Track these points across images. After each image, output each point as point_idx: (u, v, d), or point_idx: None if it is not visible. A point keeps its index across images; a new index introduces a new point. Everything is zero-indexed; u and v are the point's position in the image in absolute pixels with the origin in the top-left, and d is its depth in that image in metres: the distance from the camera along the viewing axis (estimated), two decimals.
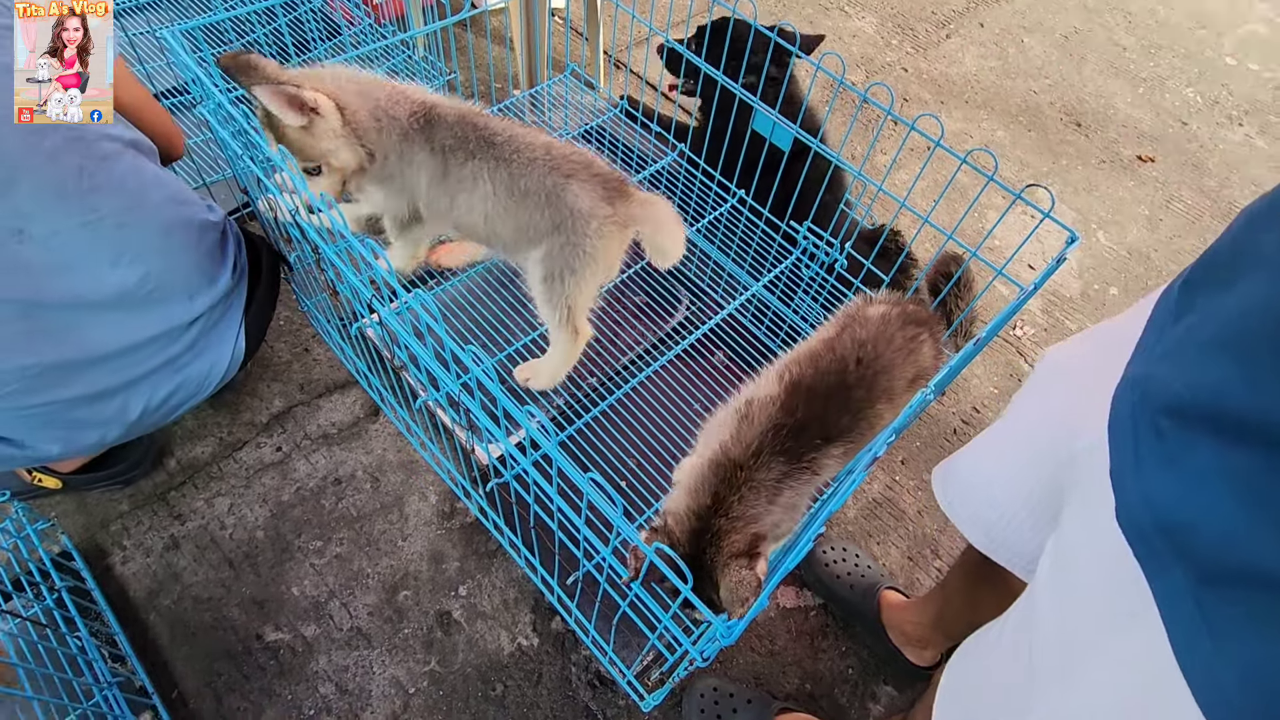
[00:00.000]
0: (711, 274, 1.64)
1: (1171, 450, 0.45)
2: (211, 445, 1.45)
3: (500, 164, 1.11)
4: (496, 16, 2.39)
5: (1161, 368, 0.49)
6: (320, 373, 1.57)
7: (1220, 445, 0.41)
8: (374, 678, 1.23)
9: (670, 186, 1.69)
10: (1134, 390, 0.50)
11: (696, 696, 1.20)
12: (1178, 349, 0.48)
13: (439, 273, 1.54)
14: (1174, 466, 0.44)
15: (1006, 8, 3.03)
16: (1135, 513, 0.46)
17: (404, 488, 1.43)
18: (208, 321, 1.19)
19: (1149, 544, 0.45)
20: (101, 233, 1.01)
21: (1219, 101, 2.76)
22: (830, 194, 1.45)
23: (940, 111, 2.49)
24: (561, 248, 1.12)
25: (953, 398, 1.77)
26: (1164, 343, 0.51)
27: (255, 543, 1.34)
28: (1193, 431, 0.43)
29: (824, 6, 2.81)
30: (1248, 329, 0.42)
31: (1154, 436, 0.46)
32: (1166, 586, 0.43)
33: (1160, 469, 0.45)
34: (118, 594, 1.26)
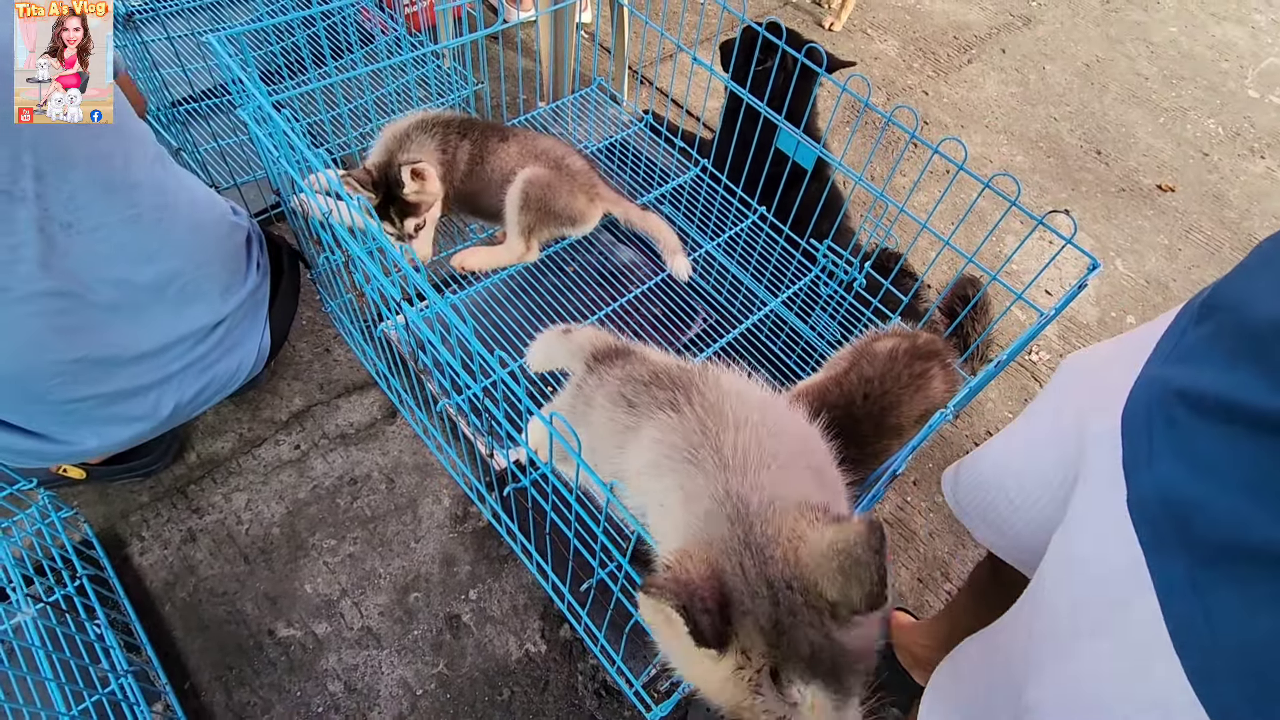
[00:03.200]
0: (730, 288, 1.65)
1: (1183, 437, 0.47)
2: (231, 441, 1.47)
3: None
4: (525, 30, 2.43)
5: (1180, 368, 0.51)
6: (340, 373, 1.59)
7: (1232, 433, 0.44)
8: (382, 678, 1.23)
9: (692, 201, 1.70)
10: (1151, 387, 0.52)
11: (703, 710, 1.20)
12: (1199, 352, 0.50)
13: (462, 277, 1.56)
14: (1185, 452, 0.46)
15: (1028, 35, 3.05)
16: (1145, 497, 0.48)
17: (418, 490, 1.44)
18: (235, 319, 1.22)
19: (1155, 527, 0.46)
20: (140, 229, 1.04)
21: (1240, 133, 2.76)
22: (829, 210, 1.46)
23: (960, 135, 2.51)
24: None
25: (966, 421, 1.77)
26: (1182, 347, 0.53)
27: (270, 539, 1.36)
28: (1205, 420, 0.46)
29: (847, 29, 2.84)
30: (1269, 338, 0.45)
31: (1167, 426, 0.48)
32: (1166, 569, 0.45)
33: (1172, 456, 0.47)
34: (135, 584, 1.28)
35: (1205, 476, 0.44)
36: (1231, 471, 0.43)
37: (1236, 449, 0.43)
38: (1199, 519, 0.44)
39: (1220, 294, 0.54)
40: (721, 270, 1.65)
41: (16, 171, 0.90)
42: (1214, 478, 0.44)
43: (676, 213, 1.74)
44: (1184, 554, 0.44)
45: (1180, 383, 0.49)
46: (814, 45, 1.31)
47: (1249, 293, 0.50)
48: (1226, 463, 0.44)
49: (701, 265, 1.71)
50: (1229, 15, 3.42)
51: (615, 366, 0.83)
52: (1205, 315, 0.53)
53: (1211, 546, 0.43)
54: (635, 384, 0.76)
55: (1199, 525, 0.44)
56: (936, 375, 1.03)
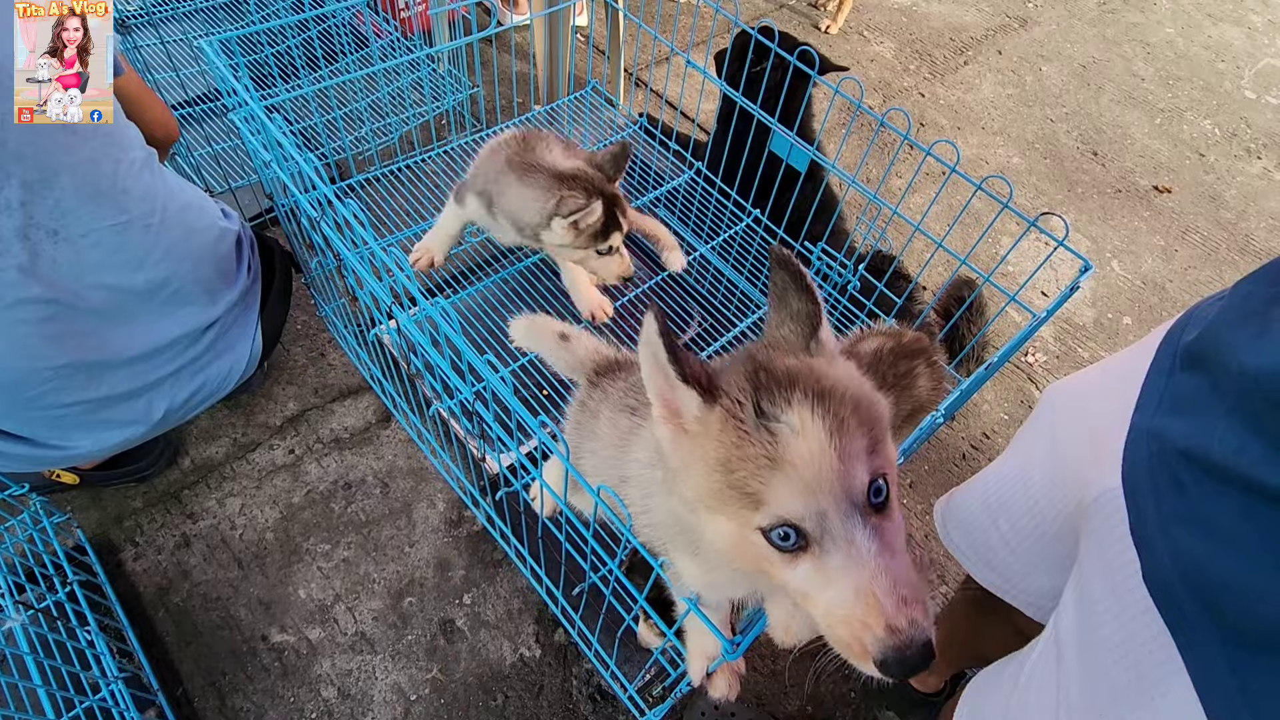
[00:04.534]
0: (725, 291, 1.65)
1: (1195, 505, 0.44)
2: (225, 446, 1.47)
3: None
4: (521, 34, 2.43)
5: (1176, 421, 0.48)
6: (335, 377, 1.59)
7: (1248, 501, 0.41)
8: (376, 683, 1.23)
9: (686, 203, 1.70)
10: (1149, 444, 0.49)
11: (698, 714, 1.19)
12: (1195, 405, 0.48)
13: (455, 281, 1.56)
14: (1201, 524, 0.43)
15: (1025, 36, 3.05)
16: (1164, 573, 0.45)
17: (413, 494, 1.44)
18: (226, 322, 1.22)
19: (1178, 605, 0.44)
20: (130, 235, 1.04)
21: (1237, 134, 2.76)
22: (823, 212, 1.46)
23: (956, 137, 2.51)
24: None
25: (963, 423, 1.76)
26: (1174, 395, 0.50)
27: (264, 544, 1.35)
28: (1217, 485, 0.43)
29: (844, 32, 2.84)
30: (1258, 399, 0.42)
31: (1175, 491, 0.45)
32: (1198, 649, 0.42)
33: (1186, 527, 0.44)
34: (128, 590, 1.28)
35: (1227, 551, 0.42)
36: (1253, 545, 0.40)
37: (1254, 520, 0.41)
38: (1228, 598, 0.41)
39: (1206, 342, 0.51)
40: (717, 273, 1.65)
41: (0, 182, 0.90)
42: (1236, 552, 0.41)
43: (671, 216, 1.74)
44: (1215, 633, 0.42)
45: (1183, 443, 0.46)
46: (807, 48, 1.31)
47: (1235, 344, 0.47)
48: (1247, 536, 0.41)
49: (697, 268, 1.70)
50: (1225, 16, 3.42)
51: (618, 379, 0.86)
52: (1194, 363, 0.50)
53: (1245, 627, 0.40)
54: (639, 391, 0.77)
55: (1229, 605, 0.41)
56: (922, 374, 1.03)
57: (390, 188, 1.61)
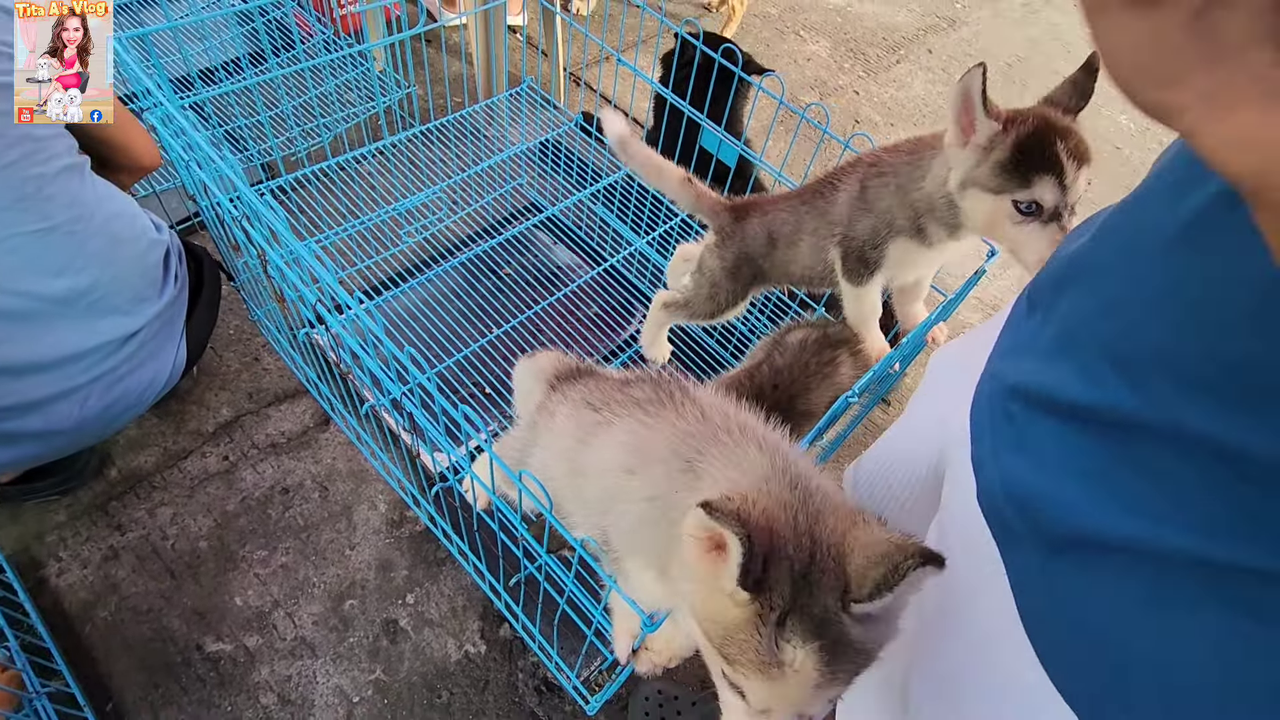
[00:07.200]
0: (664, 285, 1.68)
1: (1020, 432, 0.50)
2: (155, 455, 1.43)
3: None
4: (456, 34, 2.42)
5: (1009, 362, 0.54)
6: (270, 382, 1.56)
7: (1060, 427, 0.46)
8: (317, 687, 1.22)
9: (625, 199, 1.72)
10: (990, 383, 0.56)
11: (641, 700, 1.22)
12: (1026, 346, 0.54)
13: (389, 283, 1.55)
14: (1023, 446, 0.49)
15: (953, 35, 3.17)
16: (993, 493, 0.51)
17: (353, 496, 1.43)
18: (149, 333, 1.19)
19: (1003, 518, 0.49)
20: (52, 241, 1.02)
21: (1150, 128, 2.92)
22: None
23: (890, 133, 2.59)
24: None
25: (898, 407, 1.83)
26: (1013, 339, 0.56)
27: (198, 553, 1.32)
28: (1036, 414, 0.48)
29: (779, 30, 2.91)
30: (1078, 333, 0.48)
31: (1006, 421, 0.51)
32: (1017, 555, 0.48)
33: (1012, 451, 0.50)
34: (52, 606, 1.23)
35: (1043, 469, 0.47)
36: (1064, 463, 0.46)
37: (1065, 441, 0.46)
38: (1044, 511, 0.46)
39: (1039, 286, 0.57)
40: (657, 269, 1.68)
41: None
42: (1051, 470, 0.46)
43: (609, 211, 1.76)
44: (1030, 540, 0.47)
45: (1013, 378, 0.52)
46: (730, 45, 1.34)
47: (1060, 285, 0.53)
48: (1059, 455, 0.46)
49: (637, 263, 1.73)
50: None
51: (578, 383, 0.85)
52: (1032, 307, 0.56)
53: (1054, 533, 0.45)
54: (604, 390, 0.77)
55: (1044, 517, 0.46)
56: (845, 362, 1.07)
57: (323, 187, 1.59)
